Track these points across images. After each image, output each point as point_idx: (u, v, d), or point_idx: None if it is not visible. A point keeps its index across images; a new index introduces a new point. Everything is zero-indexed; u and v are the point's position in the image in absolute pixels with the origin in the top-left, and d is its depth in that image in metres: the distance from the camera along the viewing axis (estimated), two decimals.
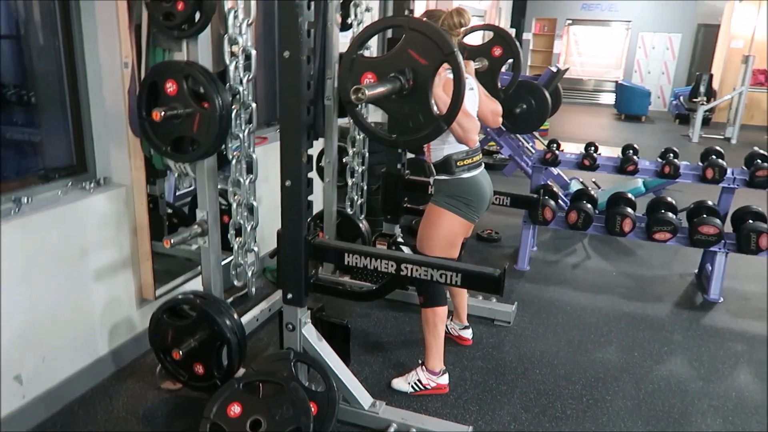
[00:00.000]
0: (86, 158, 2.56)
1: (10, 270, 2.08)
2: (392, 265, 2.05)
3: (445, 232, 2.47)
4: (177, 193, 3.99)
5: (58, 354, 2.34)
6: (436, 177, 2.46)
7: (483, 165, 2.55)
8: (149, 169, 2.85)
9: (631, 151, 4.00)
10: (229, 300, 2.96)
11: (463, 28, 2.40)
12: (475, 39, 3.38)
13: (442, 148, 2.40)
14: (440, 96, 2.07)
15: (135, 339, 2.69)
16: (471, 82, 2.50)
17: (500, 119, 2.69)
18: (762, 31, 10.54)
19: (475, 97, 2.52)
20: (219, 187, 2.31)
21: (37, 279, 2.20)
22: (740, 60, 9.94)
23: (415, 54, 1.72)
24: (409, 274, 2.04)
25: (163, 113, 1.93)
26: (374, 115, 4.52)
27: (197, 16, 1.97)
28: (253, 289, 2.46)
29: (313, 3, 1.94)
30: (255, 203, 2.31)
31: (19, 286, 2.12)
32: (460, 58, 1.69)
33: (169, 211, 3.69)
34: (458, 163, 2.41)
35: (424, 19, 2.41)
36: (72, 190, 2.43)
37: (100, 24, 2.38)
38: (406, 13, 3.15)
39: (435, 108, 1.78)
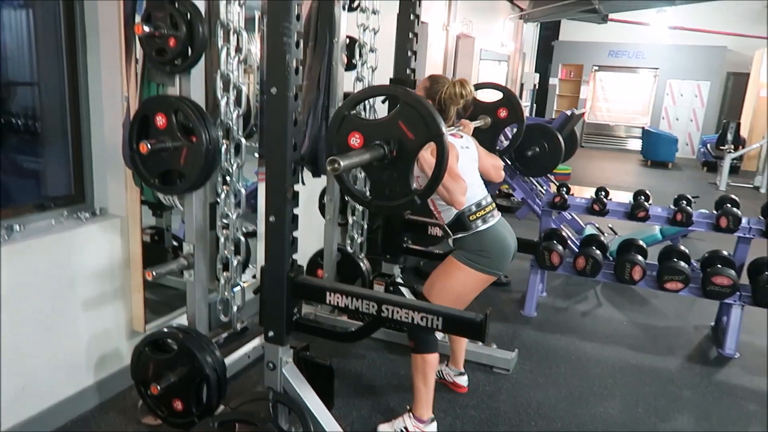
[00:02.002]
0: (85, 189, 2.60)
1: None
2: (373, 306, 2.00)
3: (459, 287, 2.43)
4: None
5: (40, 383, 2.32)
6: (454, 237, 2.42)
7: (500, 214, 2.50)
8: (152, 201, 2.88)
9: (642, 197, 3.90)
10: (223, 335, 2.93)
11: (464, 99, 2.41)
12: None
13: (450, 208, 2.37)
14: (427, 160, 1.99)
15: (122, 371, 2.66)
16: (467, 140, 2.51)
17: (502, 172, 2.67)
18: None
19: (473, 153, 2.51)
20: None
21: (23, 307, 2.20)
22: None
23: (405, 127, 1.73)
24: (390, 316, 1.98)
25: (149, 146, 1.95)
26: None
27: (189, 51, 2.00)
28: (239, 325, 2.43)
29: (301, 41, 1.96)
30: (242, 238, 2.30)
31: (2, 312, 2.12)
32: (446, 141, 1.70)
33: (175, 243, 3.71)
34: (471, 217, 2.38)
35: (428, 83, 2.44)
36: (67, 219, 2.46)
37: (104, 60, 2.44)
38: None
39: (419, 171, 1.84)
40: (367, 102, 3.19)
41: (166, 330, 2.31)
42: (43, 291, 2.27)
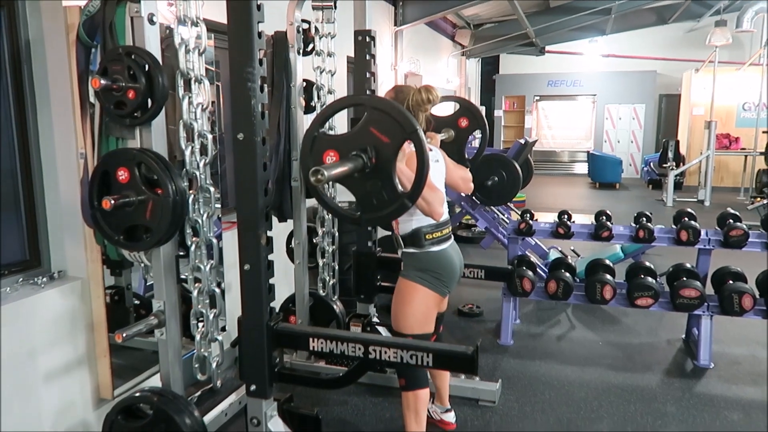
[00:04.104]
0: (40, 252, 2.46)
1: None
2: (360, 349, 1.94)
3: (418, 306, 2.38)
4: (148, 283, 3.85)
5: None
6: (405, 250, 2.40)
7: (452, 237, 2.50)
8: (115, 260, 2.74)
9: (604, 218, 3.99)
10: (196, 394, 2.79)
11: (431, 105, 2.42)
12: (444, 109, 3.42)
13: (410, 220, 2.36)
14: (404, 171, 2.02)
15: None
16: (436, 153, 2.50)
17: (471, 184, 2.68)
18: (720, 98, 10.97)
19: (441, 167, 2.51)
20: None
21: None
22: (703, 126, 10.28)
23: (377, 132, 1.71)
24: (378, 357, 1.93)
25: (113, 201, 1.86)
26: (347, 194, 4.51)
27: (149, 103, 1.94)
28: (219, 383, 2.31)
29: (266, 86, 1.94)
30: (218, 290, 2.21)
31: None
32: (423, 135, 1.70)
33: (137, 302, 3.54)
34: (427, 237, 2.36)
35: (393, 94, 2.44)
36: (23, 286, 2.31)
37: (56, 118, 2.35)
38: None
39: (399, 185, 1.75)
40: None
41: (138, 394, 2.16)
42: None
